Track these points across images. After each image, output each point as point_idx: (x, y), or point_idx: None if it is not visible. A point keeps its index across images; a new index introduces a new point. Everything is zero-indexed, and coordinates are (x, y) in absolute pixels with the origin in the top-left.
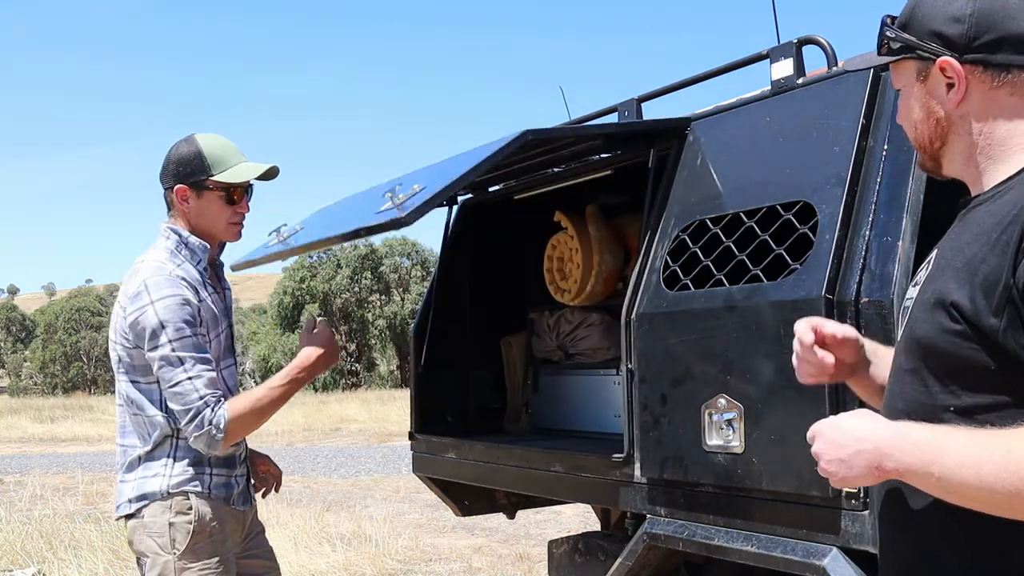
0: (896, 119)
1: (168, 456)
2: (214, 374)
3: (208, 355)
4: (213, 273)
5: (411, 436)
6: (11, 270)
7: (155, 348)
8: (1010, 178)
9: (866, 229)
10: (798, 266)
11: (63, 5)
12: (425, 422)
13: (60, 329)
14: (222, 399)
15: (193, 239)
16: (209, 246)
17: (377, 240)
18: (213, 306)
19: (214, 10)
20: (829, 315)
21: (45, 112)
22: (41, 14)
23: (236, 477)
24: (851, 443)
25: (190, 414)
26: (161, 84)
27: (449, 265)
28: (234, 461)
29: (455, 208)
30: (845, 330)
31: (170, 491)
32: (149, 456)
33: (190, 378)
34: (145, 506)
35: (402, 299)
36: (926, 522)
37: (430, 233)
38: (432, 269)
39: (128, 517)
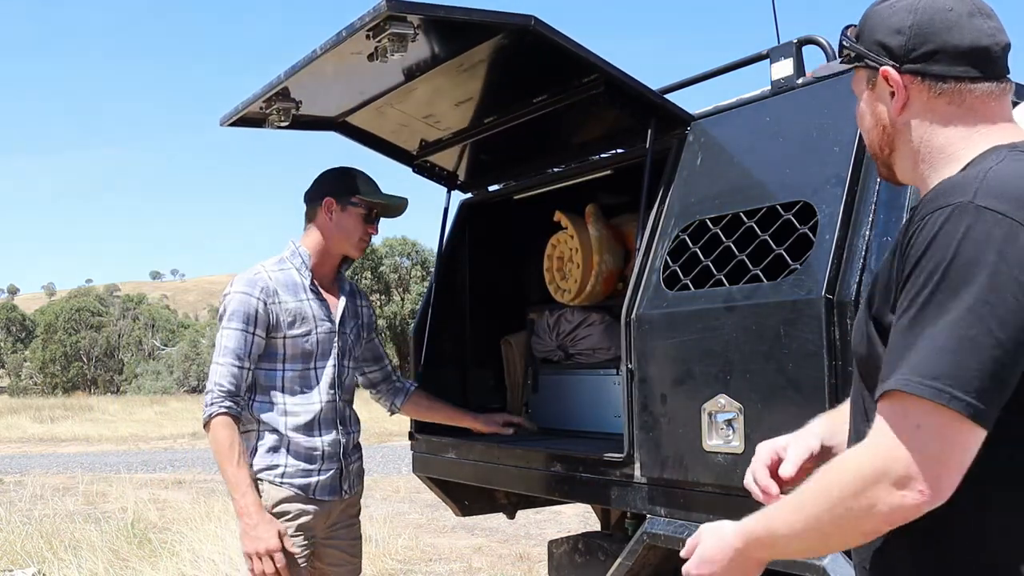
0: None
1: (254, 443)
2: (238, 370)
3: (244, 351)
4: (334, 282)
5: (411, 436)
6: (11, 270)
7: (219, 328)
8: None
9: (866, 229)
10: (798, 266)
11: (64, 4)
12: (425, 422)
13: (60, 329)
14: (228, 398)
15: (303, 248)
16: (310, 253)
17: (377, 240)
18: (309, 308)
19: (216, 10)
20: (829, 315)
21: (46, 112)
22: (41, 13)
23: (321, 471)
24: (722, 557)
25: (206, 390)
26: (162, 84)
27: (449, 265)
28: (315, 457)
29: (455, 208)
30: (800, 453)
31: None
32: (246, 443)
33: (218, 364)
34: None
35: (402, 299)
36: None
37: (430, 233)
38: (432, 269)
39: None
